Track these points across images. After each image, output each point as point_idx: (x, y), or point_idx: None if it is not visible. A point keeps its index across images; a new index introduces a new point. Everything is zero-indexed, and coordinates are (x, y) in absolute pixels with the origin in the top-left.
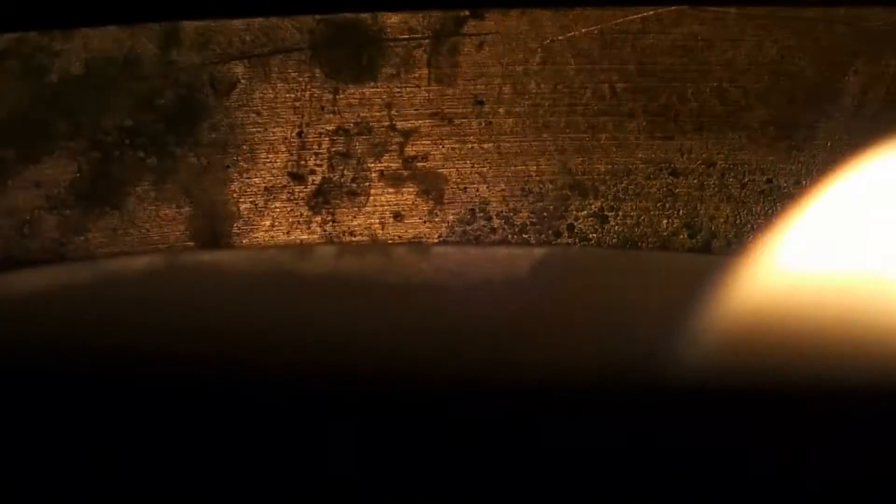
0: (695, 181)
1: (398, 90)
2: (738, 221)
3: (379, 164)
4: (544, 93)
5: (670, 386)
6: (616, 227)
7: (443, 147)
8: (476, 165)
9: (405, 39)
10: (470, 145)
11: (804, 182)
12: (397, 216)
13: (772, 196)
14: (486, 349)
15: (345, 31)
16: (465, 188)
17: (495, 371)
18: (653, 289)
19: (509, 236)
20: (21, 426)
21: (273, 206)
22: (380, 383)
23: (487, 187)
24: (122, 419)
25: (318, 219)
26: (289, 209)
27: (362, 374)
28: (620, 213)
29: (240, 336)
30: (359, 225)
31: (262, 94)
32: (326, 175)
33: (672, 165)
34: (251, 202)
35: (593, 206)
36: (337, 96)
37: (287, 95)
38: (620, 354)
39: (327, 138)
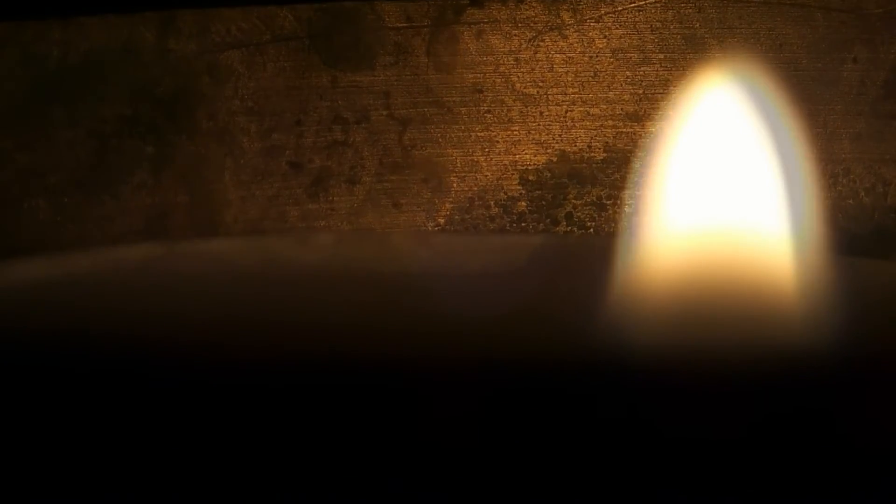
0: None
1: (396, 78)
2: None
3: (377, 153)
4: (543, 81)
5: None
6: (614, 215)
7: (441, 135)
8: (474, 154)
9: (403, 28)
10: (468, 133)
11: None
12: (396, 204)
13: None
14: (485, 337)
15: (342, 19)
16: (464, 176)
17: (494, 359)
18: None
19: (507, 225)
20: (19, 416)
21: (271, 194)
22: (378, 371)
23: (486, 176)
24: (120, 408)
25: (317, 207)
26: (287, 198)
27: (361, 361)
28: (618, 202)
29: (238, 324)
30: (357, 213)
31: (259, 83)
32: (325, 163)
33: None
34: (249, 191)
35: (591, 195)
36: (335, 85)
37: (285, 84)
38: (619, 343)
39: (325, 127)
